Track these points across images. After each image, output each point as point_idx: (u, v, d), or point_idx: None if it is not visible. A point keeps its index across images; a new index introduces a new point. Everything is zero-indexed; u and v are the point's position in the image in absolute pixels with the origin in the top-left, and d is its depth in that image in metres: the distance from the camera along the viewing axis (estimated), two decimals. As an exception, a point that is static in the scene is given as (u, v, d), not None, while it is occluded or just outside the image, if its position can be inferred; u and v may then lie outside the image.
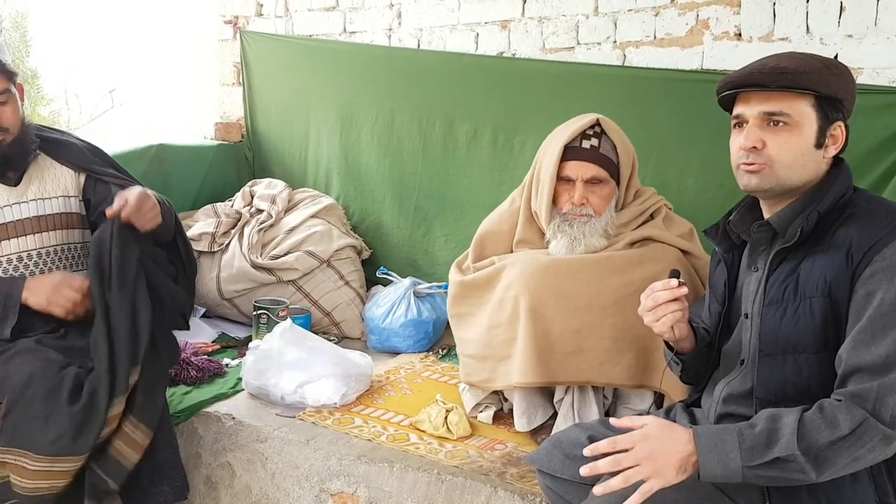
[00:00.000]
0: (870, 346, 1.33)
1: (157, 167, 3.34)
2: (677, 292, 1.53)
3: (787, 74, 1.43)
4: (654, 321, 1.55)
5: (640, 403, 2.10)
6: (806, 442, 1.30)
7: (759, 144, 1.46)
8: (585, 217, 2.13)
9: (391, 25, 3.44)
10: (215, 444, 2.28)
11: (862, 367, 1.33)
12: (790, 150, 1.45)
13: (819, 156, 1.47)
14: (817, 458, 1.29)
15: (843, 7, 2.48)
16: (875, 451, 1.31)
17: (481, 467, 2.01)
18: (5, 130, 2.05)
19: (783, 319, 1.45)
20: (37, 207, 2.16)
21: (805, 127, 1.45)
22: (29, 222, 2.14)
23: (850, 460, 1.30)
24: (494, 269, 2.23)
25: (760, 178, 1.46)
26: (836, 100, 1.46)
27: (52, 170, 2.21)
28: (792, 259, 1.46)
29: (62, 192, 2.21)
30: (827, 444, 1.29)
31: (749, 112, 1.48)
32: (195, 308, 3.14)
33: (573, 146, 2.13)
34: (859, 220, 1.42)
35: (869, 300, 1.35)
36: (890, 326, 1.32)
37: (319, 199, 3.40)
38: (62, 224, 2.20)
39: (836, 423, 1.30)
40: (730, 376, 1.57)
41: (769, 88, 1.45)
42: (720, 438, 1.34)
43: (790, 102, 1.45)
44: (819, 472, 1.30)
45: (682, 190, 2.69)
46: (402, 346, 2.92)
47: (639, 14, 2.84)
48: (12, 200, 2.12)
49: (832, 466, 1.30)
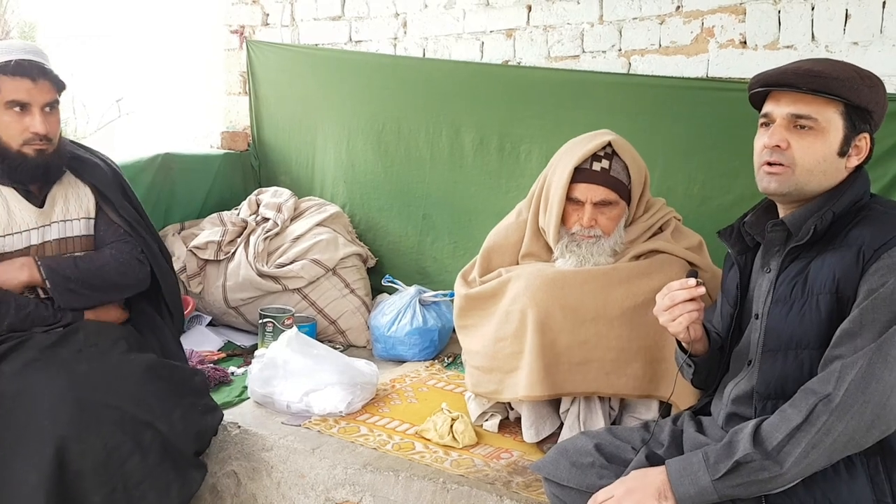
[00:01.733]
0: (854, 338, 1.35)
1: (163, 176, 3.35)
2: (695, 292, 1.53)
3: (819, 78, 1.44)
4: (671, 321, 1.56)
5: (646, 413, 2.09)
6: (763, 442, 1.34)
7: (784, 144, 1.46)
8: (594, 238, 2.13)
9: (397, 35, 3.46)
10: (221, 453, 2.28)
11: (840, 357, 1.35)
12: (813, 154, 1.45)
13: (841, 164, 1.48)
14: (776, 452, 1.32)
15: (849, 14, 2.48)
16: (832, 433, 1.31)
17: (487, 476, 2.01)
18: (50, 140, 2.07)
19: (788, 315, 1.45)
20: (60, 230, 2.17)
21: (830, 134, 1.45)
22: (51, 245, 2.15)
23: (809, 448, 1.31)
24: (500, 282, 2.23)
25: (780, 181, 1.47)
26: (865, 110, 1.47)
27: (75, 189, 2.21)
28: (803, 258, 1.47)
29: (84, 213, 2.22)
30: (784, 437, 1.33)
31: (778, 112, 1.48)
32: (201, 316, 3.15)
33: (583, 168, 2.11)
34: (873, 221, 1.43)
35: (868, 296, 1.36)
36: (876, 320, 1.33)
37: (325, 208, 3.41)
38: (82, 246, 2.21)
39: (788, 416, 1.34)
40: (738, 377, 1.57)
41: (800, 90, 1.45)
42: (688, 461, 1.40)
43: (819, 107, 1.45)
44: (782, 466, 1.32)
45: (688, 197, 2.69)
46: (408, 354, 2.92)
47: (644, 22, 2.85)
48: (39, 223, 2.13)
49: (791, 457, 1.32)
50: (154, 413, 1.97)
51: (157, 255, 2.29)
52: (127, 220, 2.24)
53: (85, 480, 1.85)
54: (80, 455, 1.85)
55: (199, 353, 2.78)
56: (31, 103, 2.03)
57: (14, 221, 2.10)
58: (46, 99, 2.05)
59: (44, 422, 1.85)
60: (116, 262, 2.17)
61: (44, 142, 2.05)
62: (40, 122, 2.03)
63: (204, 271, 3.16)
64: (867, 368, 1.31)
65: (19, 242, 2.11)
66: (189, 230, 3.36)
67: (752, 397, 1.51)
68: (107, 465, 1.87)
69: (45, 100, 2.05)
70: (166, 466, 1.95)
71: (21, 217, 2.11)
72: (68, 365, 1.97)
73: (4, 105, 2.02)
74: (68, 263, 2.13)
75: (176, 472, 1.96)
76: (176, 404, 2.03)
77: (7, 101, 2.02)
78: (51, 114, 2.08)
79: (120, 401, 1.94)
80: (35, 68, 2.03)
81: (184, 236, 3.28)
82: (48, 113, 2.07)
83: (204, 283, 3.14)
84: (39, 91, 2.04)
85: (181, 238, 3.25)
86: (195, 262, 3.15)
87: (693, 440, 1.57)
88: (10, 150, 2.05)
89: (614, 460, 1.57)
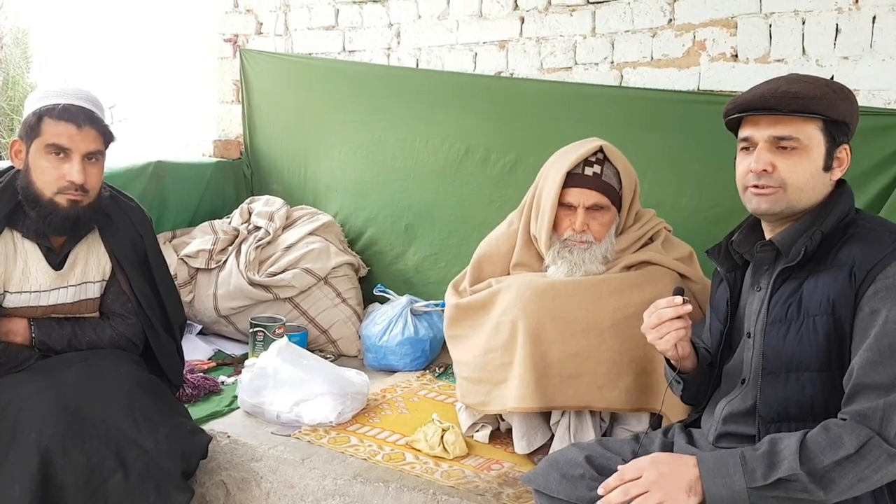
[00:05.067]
0: (877, 366, 1.34)
1: (155, 184, 3.35)
2: (681, 310, 1.53)
3: (799, 99, 1.44)
4: (658, 339, 1.56)
5: (637, 425, 2.09)
6: (810, 462, 1.30)
7: (770, 168, 1.47)
8: (586, 244, 2.13)
9: (390, 45, 3.47)
10: (210, 463, 2.27)
11: (869, 386, 1.33)
12: (801, 173, 1.46)
13: (826, 178, 1.49)
14: (822, 478, 1.29)
15: (839, 29, 2.50)
16: (881, 472, 1.30)
17: (477, 487, 2.00)
18: (86, 192, 1.97)
19: (786, 337, 1.45)
20: (76, 293, 2.11)
21: (814, 150, 1.46)
22: (64, 307, 2.10)
23: (855, 480, 1.30)
24: (490, 293, 2.23)
25: (772, 201, 1.48)
26: (843, 123, 1.48)
27: (97, 249, 2.13)
28: (795, 278, 1.47)
29: (101, 276, 2.14)
30: (832, 464, 1.30)
31: (759, 135, 1.49)
32: (191, 325, 3.14)
33: (575, 173, 2.12)
34: (861, 239, 1.43)
35: (874, 318, 1.36)
36: (894, 345, 1.33)
37: (317, 217, 3.41)
38: (95, 308, 2.16)
39: (840, 442, 1.31)
40: (731, 395, 1.57)
41: (780, 112, 1.45)
42: (723, 462, 1.36)
43: (799, 126, 1.46)
44: (826, 492, 1.30)
45: (676, 209, 2.70)
46: (399, 364, 2.91)
47: (636, 35, 2.86)
48: (53, 286, 2.06)
49: (837, 486, 1.30)
50: (140, 429, 1.92)
51: (160, 334, 2.19)
52: (137, 297, 2.14)
53: (67, 495, 1.82)
54: (63, 469, 1.82)
55: (189, 362, 2.76)
56: (72, 150, 1.93)
57: (27, 280, 2.03)
58: (90, 148, 1.95)
59: (31, 434, 1.82)
60: (112, 344, 2.11)
61: (79, 192, 1.95)
62: (78, 170, 1.93)
63: (195, 280, 3.15)
64: None
65: (27, 301, 2.04)
66: (180, 238, 3.35)
67: (748, 416, 1.51)
68: (89, 481, 1.83)
69: (88, 148, 1.95)
70: (148, 488, 1.88)
71: (36, 277, 2.04)
72: (58, 377, 1.94)
73: (44, 148, 1.93)
74: (63, 339, 2.06)
75: (158, 494, 1.89)
76: (163, 421, 1.97)
77: (47, 145, 1.92)
78: (92, 164, 1.97)
79: (106, 415, 1.90)
80: (82, 115, 1.94)
81: (175, 245, 3.27)
82: (89, 163, 1.96)
83: (195, 292, 3.13)
84: (83, 138, 1.94)
85: (172, 246, 3.24)
86: (186, 271, 3.14)
87: (684, 452, 1.57)
88: (43, 197, 1.95)
89: (605, 472, 1.56)
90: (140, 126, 6.56)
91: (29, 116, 1.96)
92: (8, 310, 2.03)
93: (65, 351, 2.06)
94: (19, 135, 2.00)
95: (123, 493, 1.86)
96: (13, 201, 2.00)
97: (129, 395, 1.97)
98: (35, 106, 1.96)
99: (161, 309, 2.22)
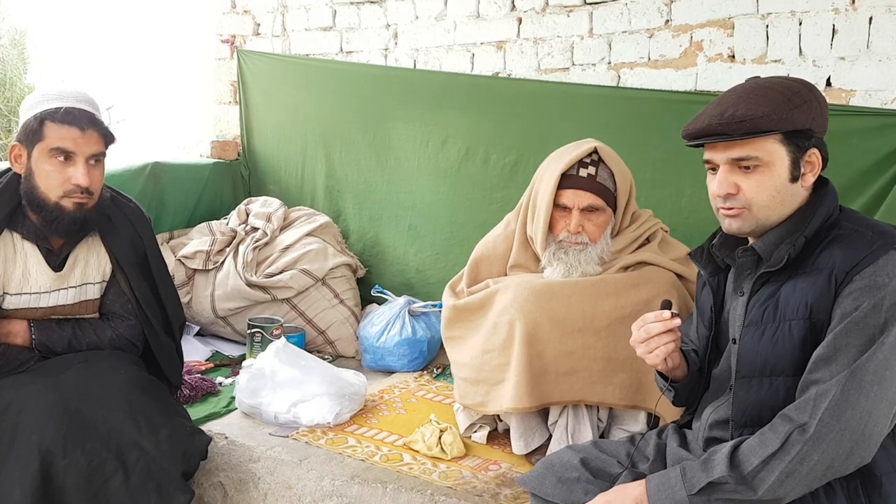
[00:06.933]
0: (829, 363, 1.33)
1: (152, 185, 3.34)
2: (670, 324, 1.51)
3: (745, 122, 1.39)
4: (647, 353, 1.54)
5: (633, 425, 2.09)
6: (740, 465, 1.33)
7: (734, 189, 1.44)
8: (581, 245, 2.13)
9: (388, 46, 3.47)
10: (207, 464, 2.26)
11: (817, 382, 1.33)
12: (765, 190, 1.43)
13: (797, 188, 1.45)
14: (751, 478, 1.32)
15: (836, 30, 2.50)
16: (806, 463, 1.29)
17: (475, 488, 2.00)
18: (91, 195, 1.97)
19: (761, 341, 1.44)
20: (76, 294, 2.10)
21: (776, 165, 1.42)
22: (64, 308, 2.09)
23: (783, 476, 1.30)
24: (487, 294, 2.23)
25: (741, 221, 1.46)
26: (803, 131, 1.42)
27: (97, 250, 2.12)
28: (774, 282, 1.45)
29: (101, 277, 2.13)
30: (760, 463, 1.32)
31: (718, 158, 1.46)
32: (189, 326, 3.14)
33: (570, 174, 2.13)
34: (843, 241, 1.39)
35: (842, 320, 1.34)
36: (850, 344, 1.32)
37: (315, 218, 3.41)
38: (96, 308, 2.16)
39: (767, 440, 1.33)
40: (717, 401, 1.56)
41: (731, 138, 1.42)
42: (666, 476, 1.41)
43: (756, 145, 1.41)
44: (755, 492, 1.31)
45: (676, 210, 2.70)
46: (397, 365, 2.91)
47: (633, 36, 2.87)
48: (54, 287, 2.05)
49: (765, 484, 1.31)
50: (140, 430, 1.92)
51: (160, 335, 2.19)
52: (137, 297, 2.14)
53: (67, 497, 1.82)
54: (64, 470, 1.82)
55: (187, 363, 2.76)
56: (76, 153, 1.93)
57: (27, 282, 2.03)
58: (93, 150, 1.95)
59: (31, 436, 1.82)
60: (112, 345, 2.11)
61: (84, 195, 1.95)
62: (83, 173, 1.93)
63: (192, 281, 3.15)
64: (841, 396, 1.29)
65: (27, 302, 2.04)
66: (178, 240, 3.35)
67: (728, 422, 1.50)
68: (90, 482, 1.83)
69: (91, 151, 1.95)
70: (149, 489, 1.88)
71: (36, 279, 2.03)
72: (58, 379, 1.94)
73: (48, 153, 1.92)
74: (63, 340, 2.06)
75: (159, 495, 1.89)
76: (163, 422, 1.97)
77: (51, 149, 1.92)
78: (95, 167, 1.98)
79: (107, 416, 1.90)
80: (85, 118, 1.94)
81: (172, 246, 3.27)
82: (92, 165, 1.97)
83: (192, 293, 3.13)
84: (86, 141, 1.94)
85: (170, 247, 3.24)
86: (183, 272, 3.14)
87: (675, 455, 1.57)
88: (49, 201, 1.95)
89: (600, 475, 1.56)
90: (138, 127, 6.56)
91: (29, 120, 1.95)
92: (8, 311, 2.03)
93: (65, 352, 2.06)
94: (19, 139, 1.98)
95: (124, 494, 1.86)
96: (12, 203, 1.99)
97: (129, 396, 1.97)
98: (35, 109, 1.95)
99: (161, 309, 2.21)
